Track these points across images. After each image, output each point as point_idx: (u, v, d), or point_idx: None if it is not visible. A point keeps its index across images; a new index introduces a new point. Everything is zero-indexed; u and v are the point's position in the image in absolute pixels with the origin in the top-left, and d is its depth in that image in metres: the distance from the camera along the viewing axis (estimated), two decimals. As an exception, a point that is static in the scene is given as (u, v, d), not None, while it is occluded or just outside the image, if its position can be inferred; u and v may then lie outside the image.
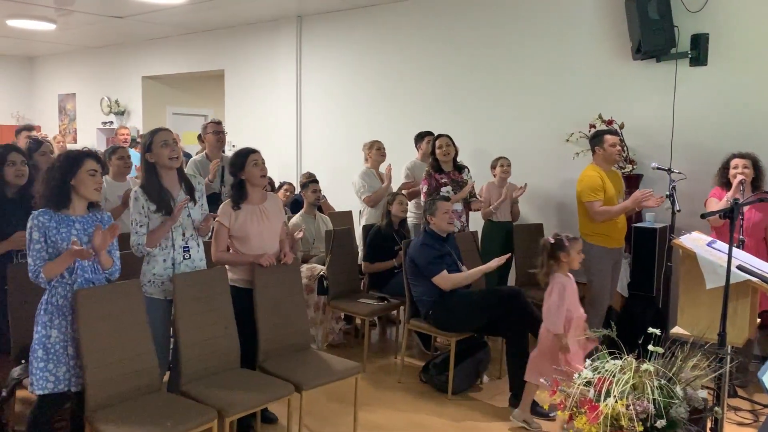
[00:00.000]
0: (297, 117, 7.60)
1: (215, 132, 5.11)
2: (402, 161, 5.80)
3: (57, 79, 11.11)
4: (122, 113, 9.81)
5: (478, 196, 5.34)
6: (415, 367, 4.68)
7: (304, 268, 4.95)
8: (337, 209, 6.31)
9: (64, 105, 10.95)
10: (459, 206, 5.12)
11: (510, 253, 4.13)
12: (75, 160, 2.88)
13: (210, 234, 3.60)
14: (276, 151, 7.48)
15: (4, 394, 3.15)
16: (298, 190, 6.77)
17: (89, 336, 2.83)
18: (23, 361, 3.16)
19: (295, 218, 5.44)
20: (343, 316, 5.29)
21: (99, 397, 2.82)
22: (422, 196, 5.06)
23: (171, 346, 3.39)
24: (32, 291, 3.00)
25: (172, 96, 9.90)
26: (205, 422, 2.82)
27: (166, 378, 3.38)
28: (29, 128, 6.45)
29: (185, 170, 4.68)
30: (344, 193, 6.60)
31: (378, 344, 5.43)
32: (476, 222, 5.50)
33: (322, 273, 4.91)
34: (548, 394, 2.26)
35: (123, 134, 8.13)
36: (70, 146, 9.74)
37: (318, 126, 7.47)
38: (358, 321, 5.45)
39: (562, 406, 2.19)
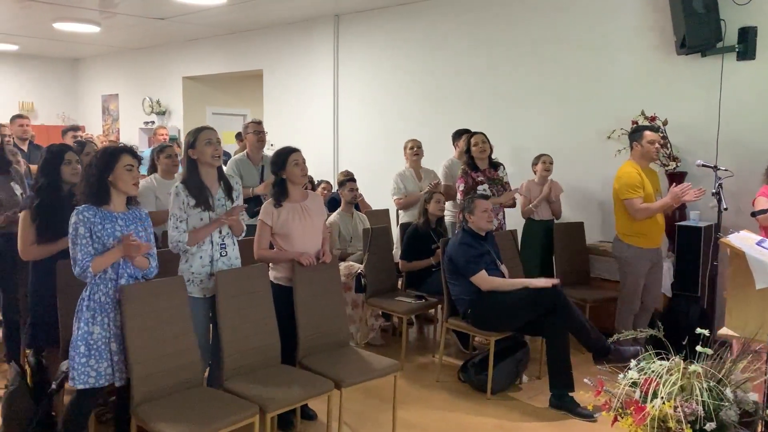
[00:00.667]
0: (334, 115, 7.65)
1: (256, 132, 5.17)
2: (439, 159, 5.78)
3: (100, 80, 11.40)
4: (163, 113, 10.01)
5: (519, 194, 5.28)
6: (453, 366, 4.66)
7: (342, 266, 4.97)
8: (373, 207, 6.33)
9: (108, 105, 11.22)
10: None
11: (558, 280, 4.08)
12: (112, 155, 2.93)
13: (243, 233, 3.64)
14: (313, 150, 7.51)
15: (54, 386, 3.23)
16: (335, 189, 6.82)
17: (134, 331, 2.89)
18: (71, 355, 3.24)
19: (333, 216, 5.47)
20: (380, 314, 5.29)
21: (144, 391, 2.88)
22: (458, 194, 5.03)
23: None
24: (80, 286, 3.07)
25: (211, 96, 10.05)
26: (247, 417, 2.85)
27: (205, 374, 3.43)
28: (75, 128, 6.63)
29: (225, 169, 4.79)
30: (381, 191, 6.61)
31: (415, 343, 5.42)
32: (516, 220, 5.45)
33: (359, 271, 4.92)
34: (592, 395, 2.22)
35: (162, 134, 8.29)
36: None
37: (355, 124, 7.50)
38: (395, 319, 5.45)
39: (606, 407, 2.16)
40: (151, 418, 2.75)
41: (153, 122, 10.16)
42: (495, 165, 5.18)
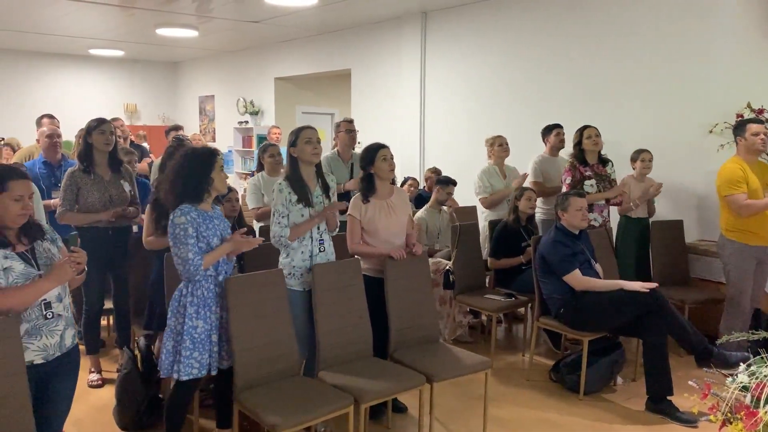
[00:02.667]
0: (420, 112, 7.67)
1: (348, 130, 5.28)
2: (526, 155, 5.69)
3: (198, 82, 11.94)
4: (256, 113, 10.36)
5: (624, 191, 5.12)
6: (544, 366, 4.59)
7: (429, 262, 4.99)
8: (460, 204, 6.31)
9: (204, 106, 11.74)
10: (602, 201, 4.95)
11: (656, 285, 3.94)
12: (210, 156, 3.02)
13: (337, 229, 3.73)
14: (399, 148, 7.58)
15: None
16: (421, 186, 6.85)
17: (237, 321, 3.03)
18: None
19: (420, 213, 5.50)
20: (468, 311, 5.28)
21: (246, 379, 3.01)
22: (564, 187, 4.93)
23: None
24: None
25: (301, 96, 10.32)
26: (343, 407, 2.93)
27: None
28: (177, 128, 6.98)
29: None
30: (468, 188, 6.58)
31: (504, 341, 5.38)
32: (611, 217, 5.29)
33: (447, 267, 4.93)
34: (698, 398, 2.14)
35: (275, 133, 8.61)
36: (211, 145, 10.42)
37: (441, 121, 7.50)
38: (484, 317, 5.42)
39: (714, 410, 2.07)
40: (253, 404, 2.88)
41: (246, 122, 10.54)
42: (604, 161, 5.05)
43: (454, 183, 5.54)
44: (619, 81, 5.79)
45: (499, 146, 5.54)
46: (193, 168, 3.02)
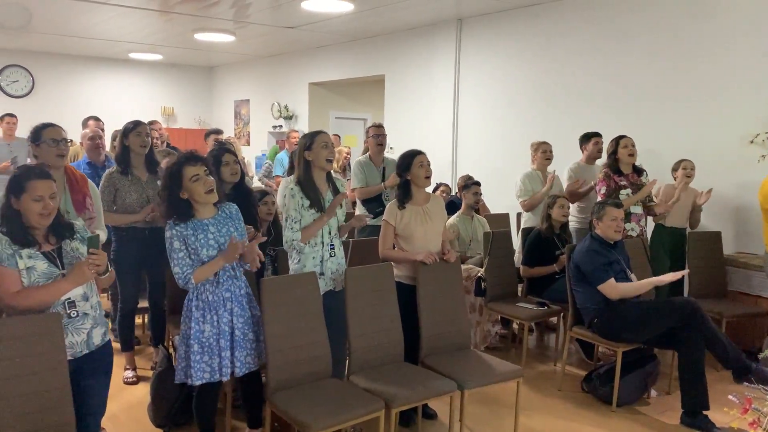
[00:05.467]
0: (454, 119, 7.67)
1: (375, 135, 5.31)
2: (562, 163, 5.64)
3: (233, 87, 12.11)
4: (290, 118, 10.47)
5: (654, 198, 5.06)
6: (575, 376, 4.54)
7: (461, 269, 4.98)
8: (492, 211, 6.29)
9: (239, 110, 11.90)
10: (639, 209, 4.89)
11: (687, 271, 3.87)
12: (175, 173, 2.93)
13: (345, 235, 3.73)
14: (432, 153, 7.49)
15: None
16: (453, 192, 6.84)
17: (271, 322, 3.06)
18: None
19: (452, 219, 5.49)
20: (499, 320, 5.25)
21: (279, 380, 3.04)
22: (599, 197, 4.88)
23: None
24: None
25: (335, 101, 10.40)
26: (374, 411, 2.94)
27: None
28: (217, 132, 7.09)
29: (352, 169, 4.93)
30: (500, 195, 6.56)
31: (535, 350, 5.33)
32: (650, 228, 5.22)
33: (479, 274, 4.91)
34: (738, 412, 2.10)
35: (295, 137, 8.67)
36: (245, 149, 10.57)
37: (474, 127, 7.48)
38: (515, 325, 5.38)
39: (755, 425, 2.03)
40: (285, 405, 2.91)
41: (281, 126, 10.65)
42: (638, 170, 4.98)
43: (477, 183, 5.52)
44: (656, 89, 5.71)
45: (542, 153, 5.51)
46: (166, 185, 2.99)
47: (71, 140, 3.54)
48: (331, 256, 3.51)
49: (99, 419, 2.76)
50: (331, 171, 3.58)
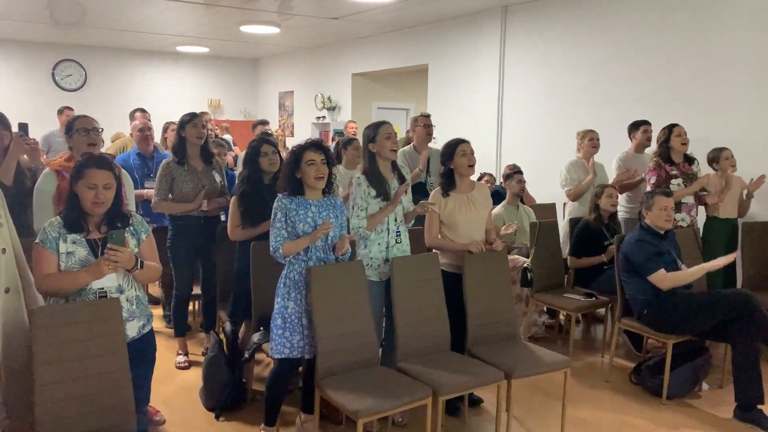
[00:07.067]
0: (498, 108, 7.60)
1: (425, 125, 5.30)
2: (609, 152, 5.53)
3: (278, 78, 12.23)
4: (333, 108, 10.53)
5: (707, 189, 4.93)
6: (623, 368, 4.48)
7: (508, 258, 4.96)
8: (537, 201, 6.22)
9: (284, 102, 12.02)
10: (690, 200, 4.78)
11: (736, 254, 3.77)
12: (296, 153, 3.14)
13: (413, 222, 3.76)
14: (476, 143, 7.44)
15: (246, 356, 3.57)
16: (498, 182, 6.78)
17: (320, 310, 3.11)
18: (261, 328, 3.56)
19: (497, 209, 5.45)
20: (545, 310, 5.21)
21: (327, 366, 3.09)
22: (649, 187, 4.78)
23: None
24: (272, 266, 3.36)
25: (377, 91, 10.40)
26: (421, 398, 2.97)
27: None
28: (264, 122, 7.22)
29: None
30: (546, 184, 6.48)
31: (581, 341, 5.27)
32: (702, 219, 5.07)
33: (526, 265, 4.88)
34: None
35: (352, 127, 8.76)
36: (289, 140, 10.71)
37: (519, 117, 7.39)
38: (561, 316, 5.33)
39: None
40: (334, 391, 2.95)
41: (324, 117, 10.72)
42: (690, 159, 4.86)
43: (520, 171, 5.46)
44: (706, 75, 5.54)
45: (589, 140, 5.42)
46: (288, 162, 3.18)
47: (102, 129, 3.64)
48: (396, 242, 3.58)
49: (142, 407, 2.81)
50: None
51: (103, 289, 2.60)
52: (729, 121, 5.40)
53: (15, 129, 3.91)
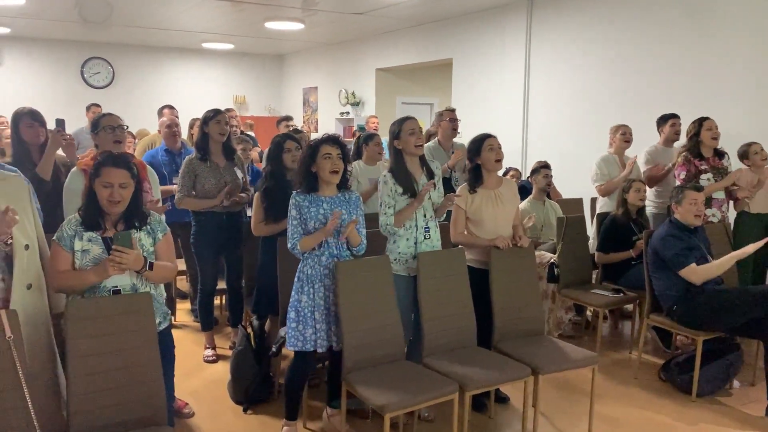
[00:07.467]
0: (524, 102, 7.54)
1: (450, 119, 5.28)
2: (636, 147, 5.45)
3: (302, 74, 12.28)
4: (357, 104, 10.54)
5: (737, 184, 4.83)
6: (652, 364, 4.43)
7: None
8: (564, 196, 6.16)
9: (308, 97, 12.06)
10: (721, 195, 4.69)
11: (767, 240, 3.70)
12: (313, 147, 3.15)
13: (443, 216, 3.75)
14: (501, 138, 7.42)
15: (273, 350, 3.59)
16: (524, 177, 6.74)
17: (346, 304, 3.12)
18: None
19: (524, 204, 5.41)
20: (571, 307, 5.16)
21: (354, 360, 3.11)
22: (678, 182, 4.71)
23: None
24: (297, 261, 3.36)
25: (401, 86, 10.38)
26: (448, 393, 2.97)
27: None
28: (288, 119, 7.24)
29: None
30: (572, 179, 6.42)
31: (608, 338, 5.21)
32: (733, 214, 4.98)
33: (552, 260, 4.84)
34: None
35: (373, 122, 8.76)
36: (313, 136, 10.74)
37: (545, 111, 7.32)
38: (588, 312, 5.28)
39: None
40: (361, 385, 2.96)
41: (348, 113, 10.74)
42: (720, 154, 4.77)
43: (547, 166, 5.41)
44: (740, 68, 5.43)
45: (621, 135, 5.34)
46: (304, 157, 3.20)
47: (128, 126, 3.68)
48: (425, 238, 3.56)
49: (169, 404, 2.83)
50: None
51: (117, 287, 2.63)
52: (758, 115, 5.28)
53: (50, 125, 3.99)
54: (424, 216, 3.57)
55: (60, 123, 3.88)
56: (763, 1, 5.23)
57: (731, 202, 4.91)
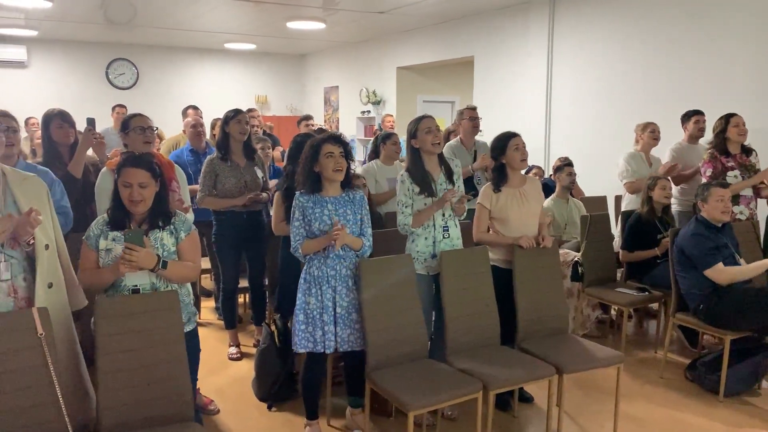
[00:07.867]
0: (546, 100, 7.48)
1: (471, 118, 5.27)
2: (662, 145, 5.38)
3: (323, 74, 12.32)
4: (378, 103, 10.54)
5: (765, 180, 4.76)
6: (678, 364, 4.38)
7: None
8: (587, 194, 6.11)
9: (329, 97, 12.10)
10: (749, 192, 4.62)
11: None
12: (314, 146, 3.10)
13: (463, 215, 3.73)
14: (524, 135, 7.33)
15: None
16: (546, 175, 6.70)
17: (370, 302, 3.13)
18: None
19: (547, 202, 5.38)
20: (597, 305, 5.12)
21: (377, 358, 3.11)
22: (704, 179, 4.65)
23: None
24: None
25: (422, 84, 10.36)
26: (472, 392, 2.96)
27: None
28: (308, 118, 7.27)
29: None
30: (595, 177, 6.36)
31: (634, 337, 5.16)
32: (762, 211, 4.90)
33: (576, 259, 4.80)
34: None
35: (390, 121, 8.76)
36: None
37: (568, 109, 7.26)
38: (613, 311, 5.24)
39: None
40: (384, 383, 2.98)
41: (369, 111, 10.75)
42: (747, 150, 4.70)
43: (570, 164, 5.37)
44: (762, 65, 5.32)
45: (650, 132, 5.28)
46: (306, 157, 3.15)
47: (157, 128, 3.71)
48: (444, 237, 3.55)
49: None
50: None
51: (136, 286, 2.66)
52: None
53: (78, 126, 4.05)
54: (443, 215, 3.56)
55: (91, 122, 3.94)
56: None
57: (761, 200, 4.83)
